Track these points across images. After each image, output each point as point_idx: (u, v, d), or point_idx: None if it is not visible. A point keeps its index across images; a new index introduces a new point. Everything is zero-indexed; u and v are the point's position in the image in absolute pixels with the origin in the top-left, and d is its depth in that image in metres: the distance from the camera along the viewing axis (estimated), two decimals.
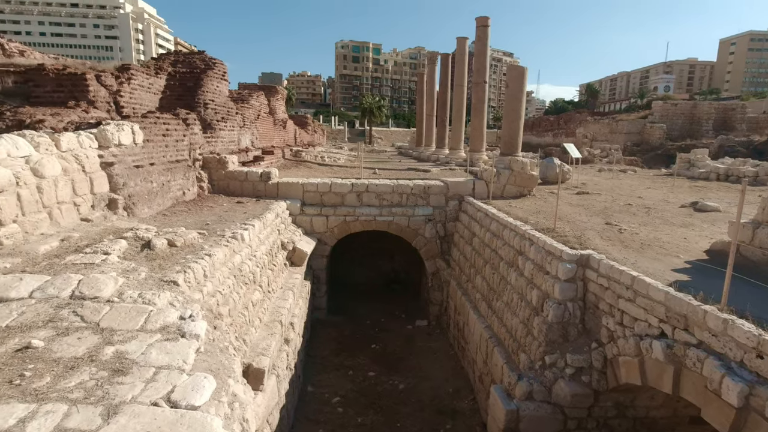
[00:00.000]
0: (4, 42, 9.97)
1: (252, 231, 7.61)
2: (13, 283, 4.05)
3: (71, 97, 8.67)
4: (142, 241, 5.74)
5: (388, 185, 12.51)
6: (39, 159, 5.52)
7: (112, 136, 7.02)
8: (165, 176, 8.65)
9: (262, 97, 19.64)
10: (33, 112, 7.29)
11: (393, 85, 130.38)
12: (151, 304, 4.13)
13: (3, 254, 4.81)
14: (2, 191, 4.89)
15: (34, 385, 2.89)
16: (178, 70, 12.51)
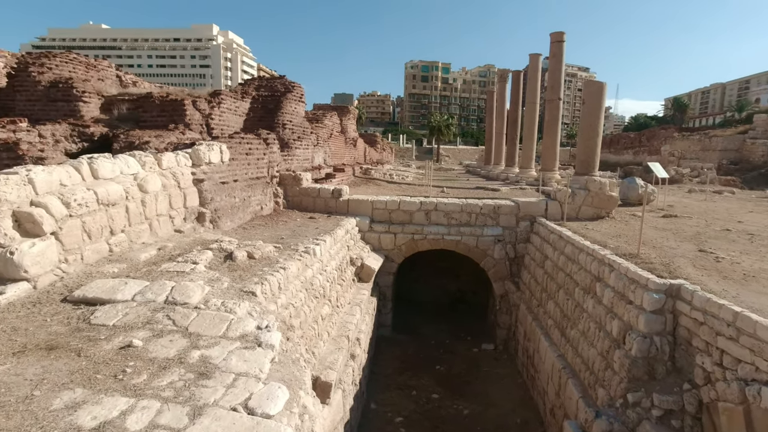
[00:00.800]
0: (122, 74, 11.41)
1: (323, 246, 7.89)
2: (120, 286, 4.54)
3: (171, 120, 9.66)
4: (225, 253, 6.18)
5: (457, 204, 12.38)
6: (144, 176, 6.20)
7: (204, 155, 7.69)
8: (246, 192, 9.28)
9: (334, 117, 20.50)
10: (141, 135, 8.21)
11: (461, 103, 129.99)
12: (232, 313, 4.40)
13: (112, 260, 5.42)
14: (115, 204, 5.54)
15: (133, 381, 3.19)
16: (261, 94, 13.47)
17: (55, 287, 4.61)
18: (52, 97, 9.92)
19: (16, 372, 3.15)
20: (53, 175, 4.84)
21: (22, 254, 4.31)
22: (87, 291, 4.44)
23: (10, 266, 4.28)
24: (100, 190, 5.37)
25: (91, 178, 5.47)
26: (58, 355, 3.43)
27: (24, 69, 10.09)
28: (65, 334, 3.75)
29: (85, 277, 4.92)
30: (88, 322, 3.99)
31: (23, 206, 4.46)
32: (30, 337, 3.64)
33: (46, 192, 4.73)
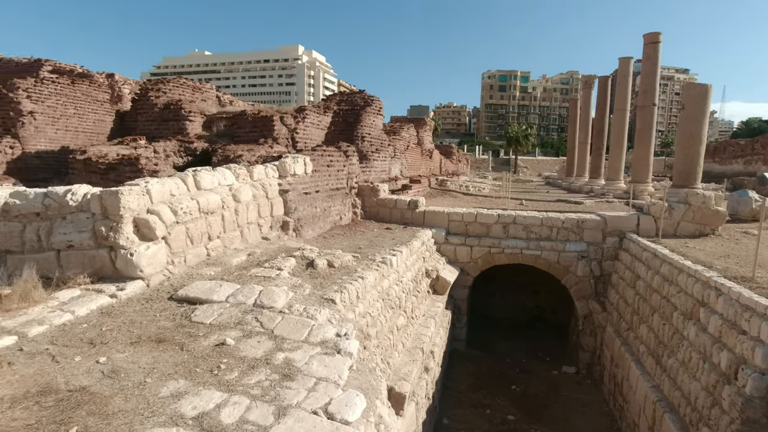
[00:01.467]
0: (221, 95, 12.60)
1: (399, 257, 7.97)
2: (215, 288, 4.96)
3: (261, 135, 10.43)
4: (307, 260, 6.49)
5: (537, 218, 11.86)
6: (238, 187, 6.75)
7: (289, 167, 8.19)
8: (326, 202, 9.70)
9: (411, 129, 20.74)
10: (235, 149, 8.96)
11: (541, 112, 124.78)
12: (313, 319, 4.61)
13: (209, 263, 5.95)
14: (213, 213, 6.09)
15: (227, 377, 3.46)
16: (342, 108, 14.06)
17: (163, 286, 5.17)
18: (165, 117, 11.24)
19: (133, 360, 3.57)
20: (165, 186, 5.45)
21: (139, 256, 4.90)
22: (189, 291, 4.91)
23: (129, 266, 4.88)
24: (202, 200, 5.94)
25: (194, 188, 6.08)
26: (165, 347, 3.83)
27: (144, 94, 11.57)
28: (171, 329, 4.18)
29: (187, 278, 5.45)
30: (189, 320, 4.40)
31: (141, 213, 5.08)
32: (143, 330, 4.10)
33: (159, 201, 5.33)
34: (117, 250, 4.95)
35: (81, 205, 5.08)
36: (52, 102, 11.06)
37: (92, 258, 5.04)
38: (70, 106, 11.54)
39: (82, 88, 11.77)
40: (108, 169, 8.09)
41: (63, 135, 11.40)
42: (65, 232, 5.05)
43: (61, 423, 2.69)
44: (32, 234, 5.13)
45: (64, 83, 11.35)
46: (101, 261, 5.02)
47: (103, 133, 12.56)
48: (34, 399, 2.94)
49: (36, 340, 3.75)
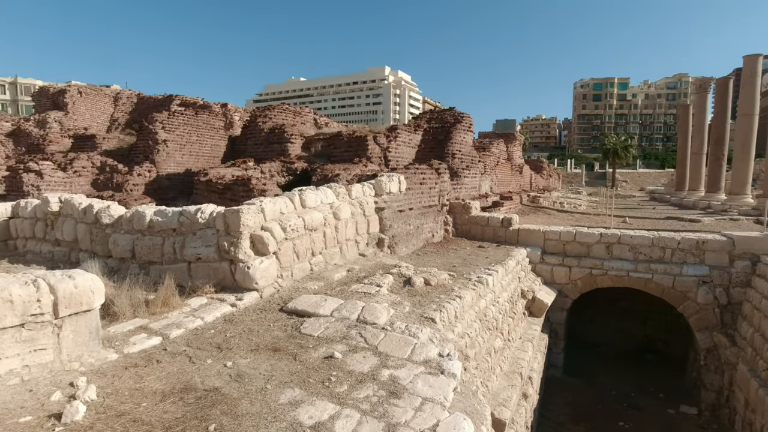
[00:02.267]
0: (318, 117, 13.45)
1: (495, 277, 7.74)
2: (321, 302, 5.23)
3: (356, 154, 10.90)
4: (404, 278, 6.58)
5: (646, 237, 10.80)
6: (338, 205, 7.10)
7: (385, 185, 8.43)
8: (419, 220, 9.79)
9: (501, 145, 20.26)
10: (332, 168, 9.46)
11: (642, 121, 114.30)
12: (415, 337, 4.63)
13: (312, 278, 6.29)
14: (316, 230, 6.47)
15: (337, 389, 3.60)
16: (432, 126, 14.19)
17: (273, 298, 5.57)
18: (270, 140, 12.28)
19: (254, 366, 3.88)
20: (276, 206, 5.92)
21: (254, 269, 5.34)
22: (297, 304, 5.23)
23: (246, 278, 5.34)
24: (307, 218, 6.33)
25: (300, 207, 6.51)
26: (280, 356, 4.10)
27: (253, 120, 12.79)
28: (284, 339, 4.47)
29: (294, 291, 5.81)
30: (299, 331, 4.68)
31: (257, 230, 5.55)
32: (260, 338, 4.44)
33: (271, 219, 5.80)
34: (236, 263, 5.45)
35: (208, 222, 5.69)
36: (180, 131, 12.68)
37: (216, 269, 5.60)
38: (194, 134, 13.13)
39: (202, 118, 13.34)
40: (225, 189, 9.02)
41: (187, 159, 12.98)
42: (195, 246, 5.69)
43: (201, 419, 3.00)
44: (169, 247, 5.86)
45: (189, 114, 12.96)
46: (223, 272, 5.57)
47: (218, 156, 14.05)
48: (179, 395, 3.31)
49: (176, 342, 4.24)
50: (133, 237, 6.24)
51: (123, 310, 4.77)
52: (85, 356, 3.64)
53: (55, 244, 7.27)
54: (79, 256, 6.84)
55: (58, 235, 7.19)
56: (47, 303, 3.32)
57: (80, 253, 6.88)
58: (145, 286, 5.37)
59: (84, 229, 6.78)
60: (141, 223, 6.15)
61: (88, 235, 6.72)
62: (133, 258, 6.27)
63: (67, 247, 7.11)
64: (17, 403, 3.02)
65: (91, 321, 3.69)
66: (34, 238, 7.58)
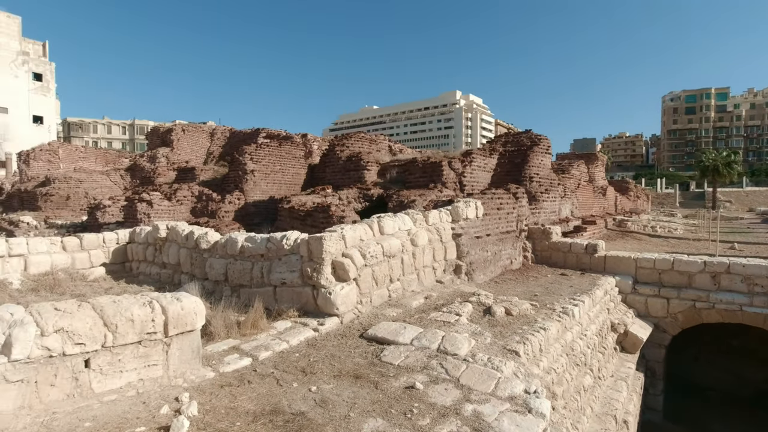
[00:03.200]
0: (392, 144, 13.80)
1: (582, 307, 7.24)
2: (400, 330, 5.22)
3: (431, 180, 10.95)
4: (484, 307, 6.38)
5: (763, 266, 9.50)
6: (415, 231, 7.14)
7: (462, 211, 8.35)
8: (497, 246, 9.51)
9: (582, 166, 19.24)
10: (408, 194, 9.57)
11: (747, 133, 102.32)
12: (498, 371, 4.44)
13: (391, 304, 6.33)
14: (394, 256, 6.54)
15: (419, 422, 3.53)
16: (508, 149, 13.89)
17: (353, 324, 5.67)
18: (347, 167, 12.79)
19: (337, 392, 3.95)
20: (356, 233, 6.09)
21: (335, 295, 5.50)
22: (377, 331, 5.27)
23: (328, 303, 5.51)
24: (385, 244, 6.43)
25: (378, 233, 6.64)
26: (362, 384, 4.13)
27: (332, 149, 13.45)
28: (365, 366, 4.51)
29: (373, 317, 5.88)
30: (379, 359, 4.69)
31: (338, 257, 5.74)
32: (342, 365, 4.52)
33: (352, 246, 5.97)
34: (318, 289, 5.65)
35: (292, 249, 6.00)
36: (266, 161, 13.67)
37: (299, 294, 5.86)
38: (277, 164, 14.08)
39: (285, 148, 14.29)
40: (306, 215, 9.49)
41: (271, 187, 13.90)
42: (280, 271, 6.01)
43: None
44: (258, 271, 6.25)
45: (274, 146, 13.95)
46: (306, 297, 5.80)
47: (298, 183, 14.88)
48: (268, 417, 3.46)
49: (264, 363, 4.46)
50: (227, 261, 6.76)
51: (218, 331, 5.13)
52: (187, 373, 3.95)
53: (162, 266, 8.09)
54: (181, 278, 7.53)
55: (164, 258, 8.00)
56: (159, 323, 3.67)
57: (182, 275, 7.58)
58: (236, 308, 5.74)
59: (185, 254, 7.48)
60: (233, 248, 6.64)
61: (189, 259, 7.39)
62: (226, 281, 6.77)
63: (171, 269, 7.88)
64: (134, 414, 3.35)
65: (194, 340, 4.01)
66: (146, 261, 8.51)
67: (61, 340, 3.15)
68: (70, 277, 7.89)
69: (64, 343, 3.15)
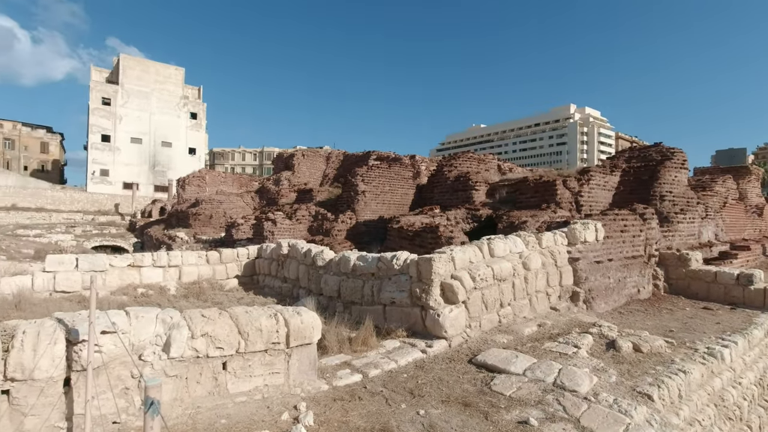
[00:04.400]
0: (501, 163, 13.42)
1: (734, 349, 6.13)
2: (511, 358, 4.97)
3: (543, 200, 10.37)
4: (607, 340, 5.77)
5: None
6: (527, 254, 6.80)
7: (579, 233, 7.74)
8: (621, 272, 8.58)
9: (728, 182, 16.53)
10: (519, 215, 9.18)
11: None
12: (627, 415, 3.96)
13: (501, 330, 6.07)
14: (505, 280, 6.29)
15: None
16: (632, 165, 12.56)
17: (462, 348, 5.55)
18: (455, 188, 12.75)
19: (445, 419, 3.88)
20: (465, 254, 6.01)
21: (444, 317, 5.47)
22: (486, 357, 5.09)
23: (436, 325, 5.49)
24: (495, 267, 6.23)
25: (488, 256, 6.46)
26: (471, 412, 4.01)
27: (440, 169, 13.57)
28: (474, 394, 4.37)
29: (482, 342, 5.69)
30: (489, 387, 4.51)
31: (447, 278, 5.71)
32: (451, 390, 4.44)
33: (461, 267, 5.90)
34: (427, 310, 5.67)
35: (402, 269, 6.13)
36: (376, 182, 14.29)
37: (408, 314, 5.93)
38: (387, 184, 14.61)
39: (394, 170, 14.79)
40: (414, 236, 9.64)
41: (380, 207, 14.45)
42: (390, 290, 6.17)
43: None
44: (368, 290, 6.50)
45: (384, 167, 14.53)
46: (414, 318, 5.85)
47: (406, 204, 15.22)
48: None
49: (374, 381, 4.59)
50: (340, 278, 7.15)
51: (331, 345, 5.42)
52: (305, 383, 4.23)
53: (283, 280, 8.87)
54: (299, 292, 8.16)
55: (285, 273, 8.77)
56: (282, 334, 4.02)
57: (300, 289, 8.21)
58: (348, 324, 6.02)
59: (304, 270, 8.10)
60: (346, 266, 7.02)
61: (306, 275, 7.99)
62: (339, 297, 7.16)
63: (291, 283, 8.59)
64: (259, 416, 3.69)
65: (311, 353, 4.30)
66: (270, 275, 9.42)
67: (205, 344, 3.62)
68: (211, 287, 9.07)
69: (208, 346, 3.62)
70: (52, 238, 26.28)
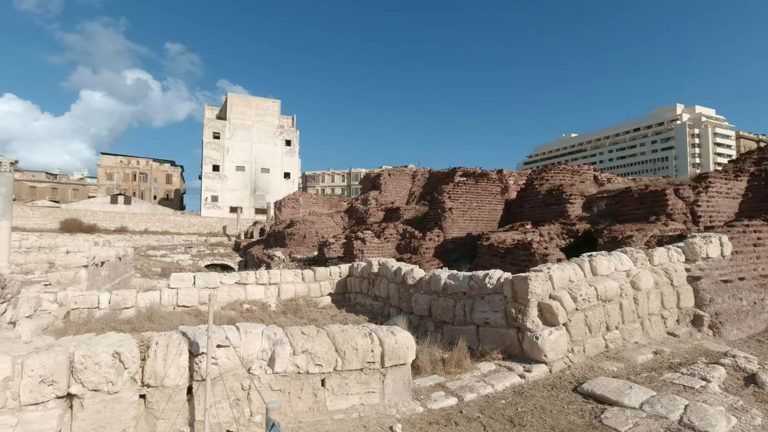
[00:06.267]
0: (598, 174, 12.46)
1: None
2: (624, 389, 4.48)
3: (651, 212, 9.38)
4: (744, 373, 4.97)
5: None
6: (636, 273, 6.16)
7: (699, 249, 6.84)
8: (756, 293, 7.37)
9: None
10: (622, 229, 8.40)
11: None
12: None
13: (609, 357, 5.53)
14: (610, 300, 5.76)
15: None
16: (763, 168, 10.87)
17: (564, 374, 5.14)
18: (547, 202, 12.08)
19: None
20: (564, 273, 5.62)
21: (543, 340, 5.13)
22: (594, 386, 4.65)
23: (534, 349, 5.17)
24: (599, 287, 5.73)
25: (590, 274, 5.98)
26: None
27: (530, 183, 12.99)
28: (582, 428, 4.00)
29: (587, 369, 5.23)
30: (600, 421, 4.10)
31: (545, 298, 5.38)
32: (555, 420, 4.12)
33: (560, 287, 5.52)
34: (524, 332, 5.37)
35: (495, 288, 5.91)
36: (463, 199, 14.09)
37: (503, 336, 5.67)
38: (474, 201, 14.33)
39: (481, 185, 14.46)
40: (506, 253, 9.27)
41: (468, 224, 14.17)
42: (483, 310, 5.96)
43: None
44: (460, 309, 6.35)
45: (470, 183, 14.29)
46: (510, 340, 5.57)
47: (495, 220, 14.75)
48: None
49: (470, 406, 4.42)
50: (430, 297, 7.09)
51: (424, 366, 5.36)
52: (399, 404, 4.22)
53: (374, 298, 9.04)
54: (390, 311, 8.24)
55: (376, 291, 8.93)
56: (377, 353, 4.07)
57: (390, 307, 8.29)
58: (440, 345, 5.91)
59: (394, 288, 8.19)
60: (437, 285, 6.94)
61: (397, 293, 8.06)
62: (430, 316, 7.08)
63: (381, 302, 8.72)
64: None
65: (405, 374, 4.29)
66: (361, 293, 9.67)
67: (306, 360, 3.79)
68: (307, 304, 9.54)
69: (308, 362, 3.79)
70: (174, 257, 29.85)
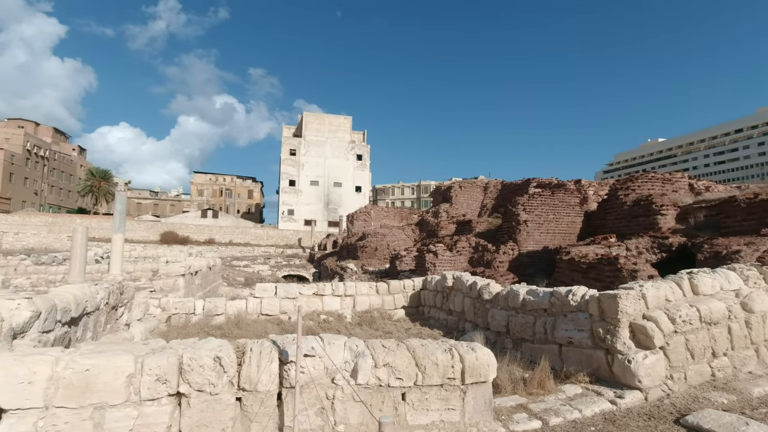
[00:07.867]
0: (694, 182, 11.35)
1: None
2: (739, 425, 4.00)
3: (761, 224, 8.34)
4: None
5: None
6: (748, 293, 5.50)
7: None
8: None
9: None
10: (726, 243, 7.56)
11: None
12: None
13: (716, 387, 4.97)
14: (717, 323, 5.19)
15: None
16: None
17: (662, 404, 4.70)
18: (634, 213, 11.19)
19: None
20: (660, 291, 5.18)
21: (637, 364, 4.74)
22: (701, 419, 4.20)
23: (627, 373, 4.80)
24: (702, 307, 5.19)
25: (690, 293, 5.44)
26: None
27: (614, 193, 12.15)
28: None
29: (690, 400, 4.73)
30: None
31: (637, 319, 4.99)
32: None
33: (655, 306, 5.09)
34: (614, 354, 5.01)
35: (579, 305, 5.59)
36: (538, 211, 13.52)
37: (589, 357, 5.33)
38: (550, 213, 13.68)
39: (558, 197, 13.78)
40: (588, 268, 8.72)
41: (544, 237, 13.54)
42: (566, 328, 5.66)
43: None
44: (540, 327, 6.08)
45: (546, 195, 13.68)
46: (597, 362, 5.22)
47: (573, 233, 13.94)
48: None
49: (555, 431, 4.20)
50: (508, 313, 6.87)
51: (504, 385, 5.18)
52: (480, 424, 4.11)
53: (448, 313, 8.93)
54: (465, 326, 8.09)
55: (450, 305, 8.83)
56: (458, 370, 4.02)
57: (466, 322, 8.14)
58: (519, 363, 5.69)
59: (469, 303, 8.03)
60: (515, 301, 6.72)
61: (472, 308, 7.90)
62: (507, 333, 6.85)
63: (456, 316, 8.59)
64: None
65: (486, 392, 4.18)
66: (435, 307, 9.60)
67: (387, 373, 3.85)
68: (381, 316, 9.66)
69: (389, 376, 3.85)
70: (255, 268, 31.83)
